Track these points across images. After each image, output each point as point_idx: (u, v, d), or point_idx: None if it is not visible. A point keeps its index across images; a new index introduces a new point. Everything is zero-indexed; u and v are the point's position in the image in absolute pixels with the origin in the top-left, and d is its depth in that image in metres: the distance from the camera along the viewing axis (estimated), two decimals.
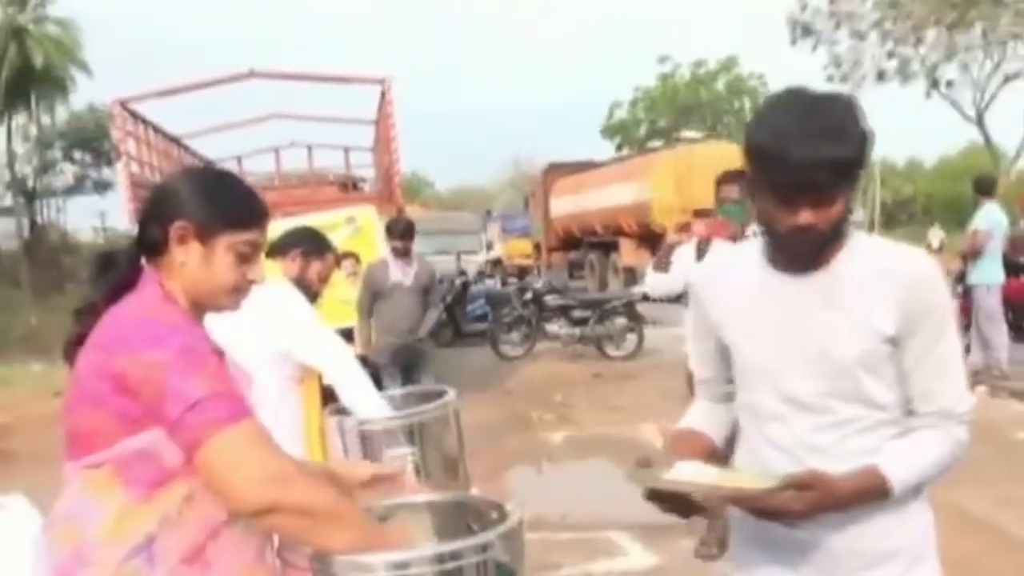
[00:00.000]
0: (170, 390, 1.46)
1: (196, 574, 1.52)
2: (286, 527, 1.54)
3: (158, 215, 1.65)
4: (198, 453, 1.47)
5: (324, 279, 3.50)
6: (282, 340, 3.11)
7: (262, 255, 1.73)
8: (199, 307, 1.69)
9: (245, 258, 1.67)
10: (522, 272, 23.13)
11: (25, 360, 13.32)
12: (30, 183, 35.78)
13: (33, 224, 34.96)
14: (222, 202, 1.68)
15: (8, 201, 33.93)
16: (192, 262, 1.64)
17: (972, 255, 8.56)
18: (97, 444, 1.50)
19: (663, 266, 4.75)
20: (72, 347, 1.64)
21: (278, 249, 3.41)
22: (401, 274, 6.47)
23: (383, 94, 9.45)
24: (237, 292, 1.69)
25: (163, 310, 1.56)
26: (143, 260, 1.68)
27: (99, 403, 1.49)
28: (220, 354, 1.61)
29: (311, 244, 3.47)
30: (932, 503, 1.76)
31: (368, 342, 6.59)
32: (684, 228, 4.58)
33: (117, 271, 1.66)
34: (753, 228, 4.67)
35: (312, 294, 3.39)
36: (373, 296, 6.57)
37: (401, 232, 6.44)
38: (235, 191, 1.73)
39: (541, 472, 6.80)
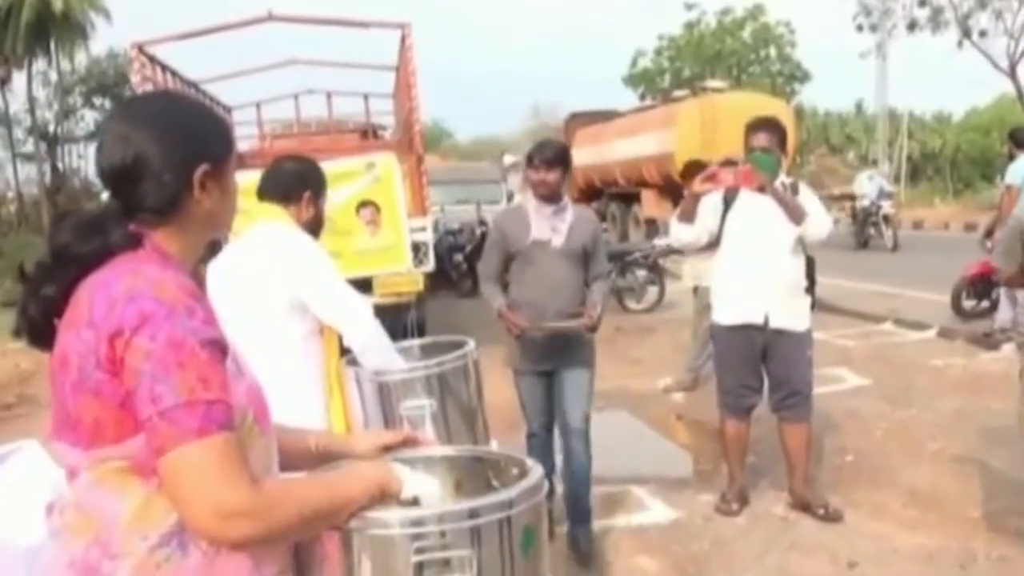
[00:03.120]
0: (145, 388, 1.32)
1: (234, 558, 1.41)
2: (254, 550, 1.43)
3: (165, 168, 1.45)
4: (160, 461, 1.33)
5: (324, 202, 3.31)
6: (301, 292, 3.02)
7: None
8: (205, 243, 1.58)
9: (235, 172, 1.61)
10: None
11: None
12: (51, 129, 35.84)
13: (55, 170, 35.09)
14: (216, 129, 1.56)
15: (30, 147, 34.04)
16: (215, 203, 1.51)
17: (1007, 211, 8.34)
18: (104, 436, 1.37)
19: (688, 216, 4.62)
20: (27, 318, 1.48)
21: (284, 194, 3.15)
22: (548, 228, 4.21)
23: (403, 39, 9.26)
24: (236, 210, 1.62)
25: (161, 279, 1.39)
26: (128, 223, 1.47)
27: (98, 393, 1.36)
28: (219, 331, 1.42)
29: (318, 184, 3.22)
30: (961, 461, 1.66)
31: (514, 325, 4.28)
32: (710, 178, 4.42)
33: (105, 237, 1.46)
34: (783, 178, 4.54)
35: (318, 232, 3.26)
36: (503, 260, 4.35)
37: (548, 159, 4.13)
38: (214, 114, 1.62)
39: None
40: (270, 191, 3.17)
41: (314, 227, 3.21)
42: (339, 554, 1.53)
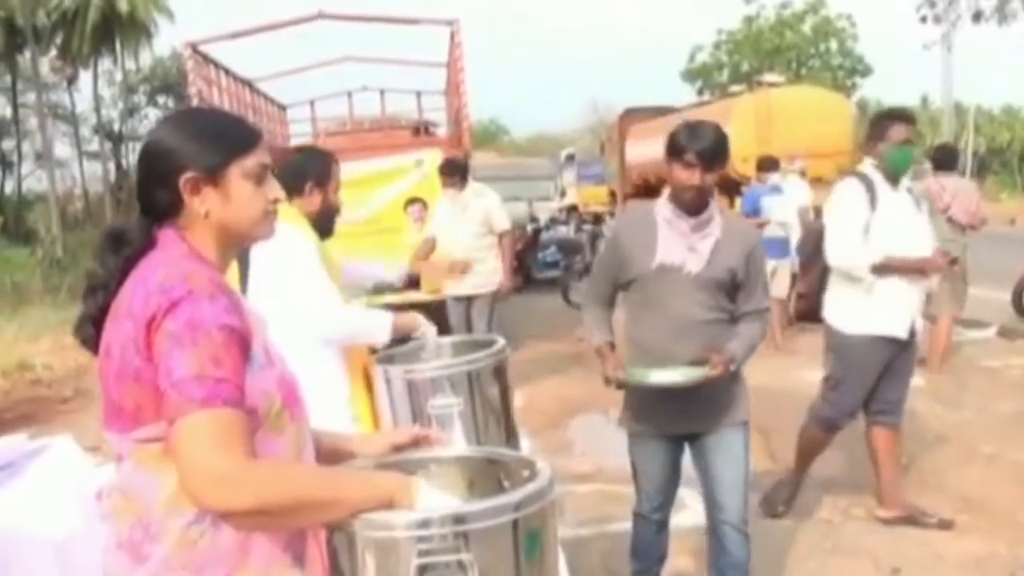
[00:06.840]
0: (164, 362, 1.43)
1: (264, 535, 1.51)
2: (246, 527, 1.48)
3: (158, 177, 1.61)
4: (169, 431, 1.42)
5: (338, 189, 3.23)
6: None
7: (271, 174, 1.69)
8: (234, 247, 1.68)
9: (260, 180, 1.65)
10: (596, 219, 22.87)
11: None
12: (116, 127, 36.67)
13: (119, 168, 35.91)
14: (215, 136, 1.63)
15: (95, 145, 34.87)
16: (214, 207, 1.60)
17: None
18: (145, 418, 1.48)
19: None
20: (86, 326, 1.61)
21: (288, 188, 3.14)
22: (683, 248, 3.13)
23: (452, 36, 9.30)
24: (268, 216, 1.67)
25: (192, 271, 1.51)
26: (156, 226, 1.63)
27: (139, 379, 1.46)
28: (240, 321, 1.51)
29: (317, 168, 3.16)
30: (1015, 466, 1.59)
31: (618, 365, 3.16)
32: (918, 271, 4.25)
33: (130, 247, 1.61)
34: (863, 167, 4.28)
35: (335, 212, 3.20)
36: (616, 284, 3.28)
37: (707, 154, 3.13)
38: (220, 121, 1.70)
39: (607, 421, 6.71)
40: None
41: (324, 216, 3.17)
42: (343, 554, 1.53)
